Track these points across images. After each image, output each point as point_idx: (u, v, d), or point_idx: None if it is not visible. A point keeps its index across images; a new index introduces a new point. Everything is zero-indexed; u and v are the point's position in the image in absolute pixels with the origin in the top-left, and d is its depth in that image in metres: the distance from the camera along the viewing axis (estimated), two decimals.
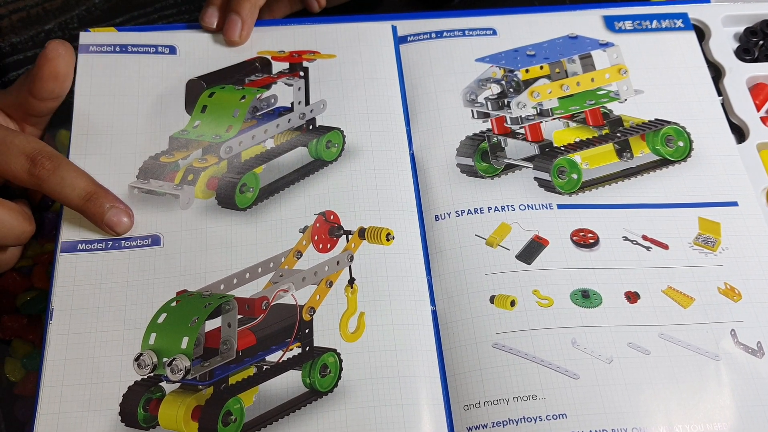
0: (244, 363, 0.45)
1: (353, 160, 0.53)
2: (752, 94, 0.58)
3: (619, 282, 0.48)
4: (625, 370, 0.45)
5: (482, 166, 0.53)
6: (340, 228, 0.50)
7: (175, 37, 0.58)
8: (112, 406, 0.44)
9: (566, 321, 0.46)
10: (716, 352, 0.46)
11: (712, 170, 0.53)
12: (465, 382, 0.45)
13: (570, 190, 0.52)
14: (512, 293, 0.47)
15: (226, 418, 0.43)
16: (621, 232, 0.50)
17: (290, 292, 0.48)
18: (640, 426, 0.43)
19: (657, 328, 0.46)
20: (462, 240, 0.49)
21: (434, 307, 0.48)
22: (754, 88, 0.59)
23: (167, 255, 0.49)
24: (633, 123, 0.55)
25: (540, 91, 0.55)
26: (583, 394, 0.44)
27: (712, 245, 0.50)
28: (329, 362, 0.45)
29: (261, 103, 0.55)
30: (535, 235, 0.49)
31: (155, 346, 0.45)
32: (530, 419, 0.43)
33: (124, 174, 0.52)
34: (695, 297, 0.48)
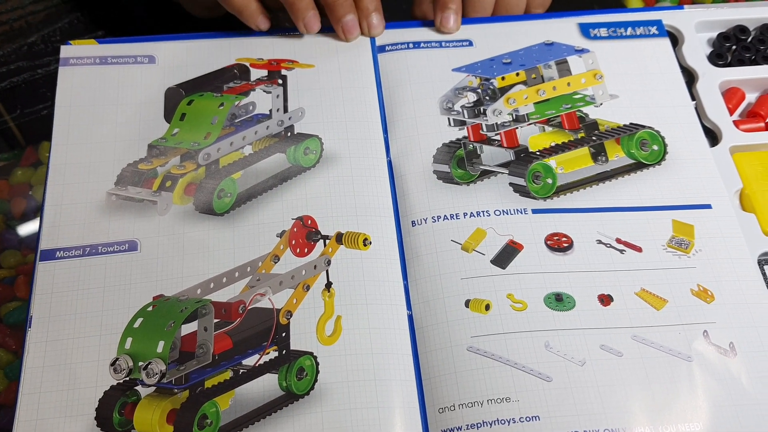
0: (220, 367, 0.46)
1: (331, 167, 0.54)
2: (725, 98, 0.60)
3: (592, 285, 0.49)
4: (597, 372, 0.46)
5: (458, 173, 0.54)
6: (318, 233, 0.51)
7: (154, 47, 0.59)
8: (88, 411, 0.45)
9: (540, 324, 0.48)
10: (689, 353, 0.47)
11: (685, 173, 0.54)
12: (440, 385, 0.46)
13: (545, 194, 0.53)
14: (487, 297, 0.48)
15: (201, 422, 0.44)
16: (595, 235, 0.51)
17: (267, 296, 0.49)
18: (612, 427, 0.44)
19: (630, 330, 0.48)
20: (438, 245, 0.51)
21: (410, 312, 0.49)
22: (727, 92, 0.61)
23: (144, 260, 0.50)
24: (608, 127, 0.56)
25: (516, 97, 0.56)
26: (556, 396, 0.45)
27: (685, 247, 0.51)
28: (306, 365, 0.46)
29: (239, 110, 0.57)
30: (509, 239, 0.51)
31: (131, 350, 0.46)
32: (503, 421, 0.44)
33: (102, 182, 0.53)
34: (668, 299, 0.49)
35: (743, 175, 0.56)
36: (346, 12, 0.57)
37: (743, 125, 0.59)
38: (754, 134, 0.58)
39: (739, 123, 0.59)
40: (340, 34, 0.59)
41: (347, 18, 0.58)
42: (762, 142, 0.58)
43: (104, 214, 0.52)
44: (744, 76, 0.61)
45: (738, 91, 0.61)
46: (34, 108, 0.69)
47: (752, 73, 0.61)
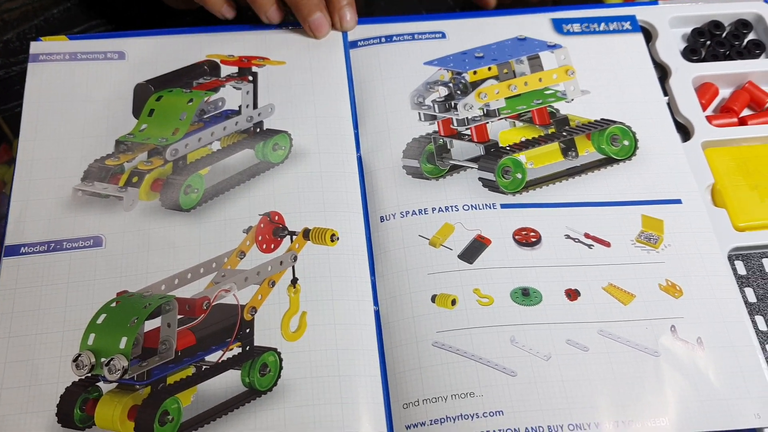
0: (183, 363, 0.46)
1: (300, 163, 0.54)
2: (699, 93, 0.60)
3: (559, 280, 0.49)
4: (562, 367, 0.46)
5: (428, 168, 0.54)
6: (285, 229, 0.51)
7: (124, 43, 0.59)
8: (49, 407, 0.45)
9: (505, 319, 0.47)
10: (656, 348, 0.47)
11: (656, 168, 0.54)
12: (405, 380, 0.46)
13: (514, 189, 0.53)
14: (453, 292, 0.48)
15: (162, 418, 0.44)
16: (563, 230, 0.51)
17: (232, 292, 0.49)
18: (577, 422, 0.44)
19: (596, 325, 0.48)
20: (406, 240, 0.51)
21: (377, 307, 0.49)
22: (700, 87, 0.61)
23: (109, 256, 0.50)
24: (579, 122, 0.56)
25: (487, 91, 0.56)
26: (520, 391, 0.45)
27: (654, 242, 0.51)
28: (269, 361, 0.46)
29: (209, 106, 0.57)
30: (477, 234, 0.51)
31: (94, 346, 0.46)
32: (467, 416, 0.44)
33: (69, 177, 0.53)
34: (636, 294, 0.49)
35: (715, 171, 0.56)
36: (312, 10, 0.57)
37: (716, 120, 0.59)
38: (727, 129, 0.58)
39: (712, 118, 0.59)
40: (308, 32, 0.59)
41: (314, 17, 0.58)
42: (734, 138, 0.58)
43: (70, 209, 0.52)
44: (717, 72, 0.61)
45: (712, 87, 0.61)
46: (8, 105, 0.69)
47: (726, 69, 0.61)
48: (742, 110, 0.61)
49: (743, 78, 0.62)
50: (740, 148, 0.57)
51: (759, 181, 0.56)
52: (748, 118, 0.60)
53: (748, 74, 0.61)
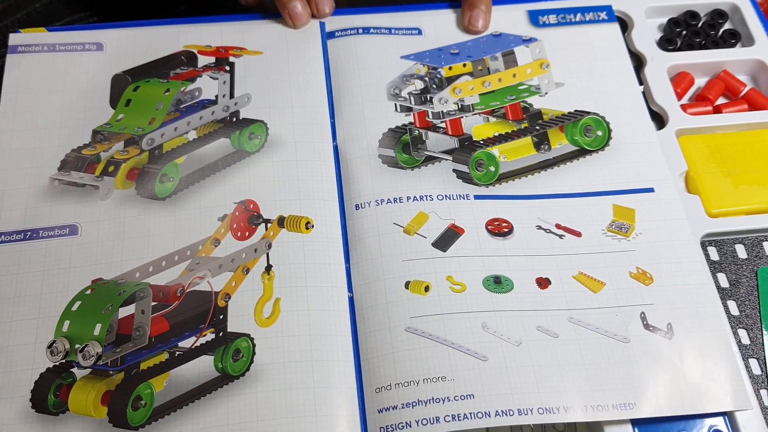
0: (156, 349, 0.47)
1: (276, 152, 0.55)
2: (675, 82, 0.61)
3: (530, 269, 0.50)
4: (533, 353, 0.47)
5: (403, 158, 0.55)
6: (259, 216, 0.52)
7: (102, 34, 0.60)
8: (24, 393, 0.45)
9: (477, 305, 0.48)
10: (625, 335, 0.48)
11: (629, 158, 0.55)
12: (378, 365, 0.47)
13: (487, 181, 0.54)
14: (427, 279, 0.49)
15: (136, 403, 0.45)
16: (535, 221, 0.52)
17: (206, 279, 0.49)
18: (547, 406, 0.45)
19: (566, 312, 0.48)
20: (381, 228, 0.51)
21: (351, 294, 0.50)
22: (676, 77, 0.62)
23: (84, 244, 0.50)
24: (553, 116, 0.57)
25: (462, 87, 0.57)
26: (491, 375, 0.46)
27: (625, 231, 0.52)
28: (242, 347, 0.47)
29: (185, 96, 0.57)
30: (451, 224, 0.51)
31: (68, 333, 0.47)
32: (438, 400, 0.45)
33: (46, 167, 0.53)
34: (606, 282, 0.50)
35: (689, 158, 0.57)
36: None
37: (691, 109, 0.60)
38: (700, 117, 0.59)
39: (687, 107, 0.60)
40: (288, 21, 0.60)
41: (292, 4, 0.58)
42: (708, 126, 0.59)
43: (46, 198, 0.52)
44: (693, 61, 0.62)
45: (687, 76, 0.62)
46: None
47: (701, 58, 0.63)
48: (717, 99, 0.62)
49: (718, 67, 0.63)
50: (714, 136, 0.59)
51: (732, 168, 0.57)
52: (723, 107, 0.61)
53: (724, 63, 0.63)
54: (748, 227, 0.54)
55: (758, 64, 0.62)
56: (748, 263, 0.53)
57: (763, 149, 0.58)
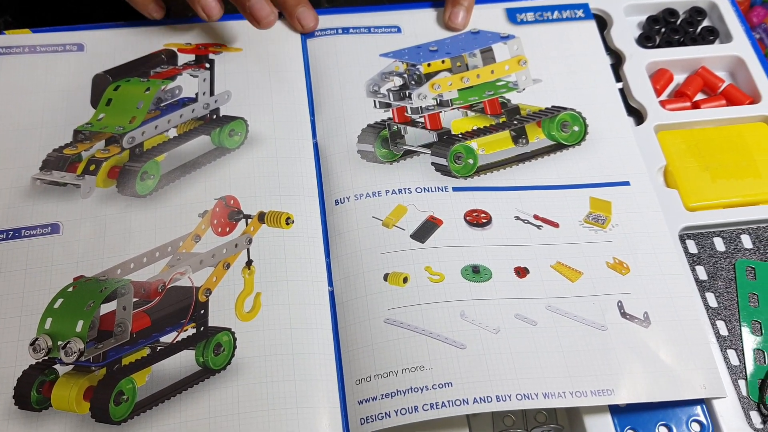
0: (138, 344, 0.48)
1: (256, 148, 0.56)
2: (654, 79, 0.63)
3: (509, 258, 0.52)
4: (511, 340, 0.48)
5: (382, 152, 0.56)
6: (240, 212, 0.53)
7: (83, 35, 0.61)
8: (6, 390, 0.47)
9: (456, 295, 0.50)
10: (603, 323, 0.49)
11: (606, 152, 0.57)
12: (357, 357, 0.48)
13: (466, 174, 0.55)
14: (405, 271, 0.51)
15: (117, 398, 0.46)
16: (513, 212, 0.54)
17: (187, 275, 0.50)
18: (525, 392, 0.46)
19: (544, 301, 0.50)
20: (360, 222, 0.53)
21: (332, 288, 0.51)
22: (655, 74, 0.64)
23: (66, 242, 0.51)
24: (530, 111, 0.59)
25: (441, 83, 0.59)
26: (469, 363, 0.47)
27: (602, 223, 0.54)
28: (223, 341, 0.48)
29: (165, 94, 0.59)
30: (429, 215, 0.53)
31: (51, 330, 0.48)
32: (417, 389, 0.46)
33: (28, 167, 0.55)
34: (583, 271, 0.51)
35: (667, 153, 0.59)
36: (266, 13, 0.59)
37: (669, 105, 0.62)
38: (678, 113, 0.61)
39: (666, 103, 0.62)
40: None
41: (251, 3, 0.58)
42: (686, 121, 0.61)
43: (28, 198, 0.53)
44: (671, 57, 0.64)
45: (666, 72, 0.64)
46: None
47: (679, 54, 0.64)
48: (695, 95, 0.64)
49: (697, 63, 0.65)
50: (692, 131, 0.60)
51: (710, 162, 0.58)
52: (701, 102, 0.63)
53: (702, 60, 0.65)
54: (725, 220, 0.56)
55: (736, 60, 0.64)
56: (726, 256, 0.55)
57: (741, 144, 0.59)
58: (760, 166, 0.58)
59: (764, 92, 0.62)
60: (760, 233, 0.56)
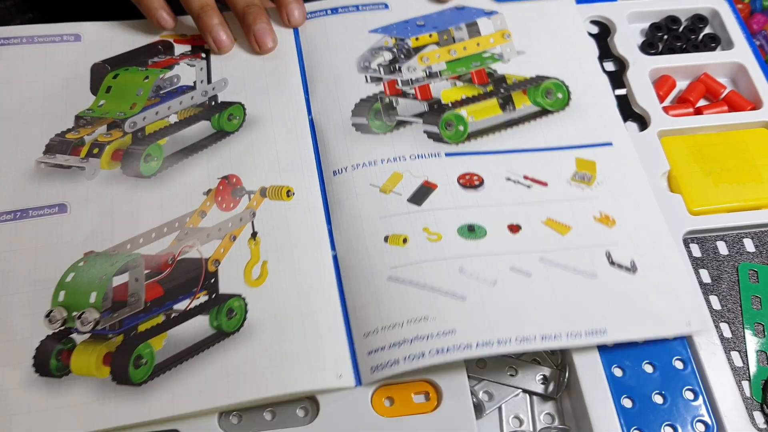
0: (152, 312, 0.50)
1: (254, 130, 0.59)
2: (657, 85, 0.65)
3: (502, 216, 0.55)
4: (508, 291, 0.51)
5: (375, 124, 0.59)
6: (242, 189, 0.56)
7: (80, 26, 0.64)
8: (26, 359, 0.48)
9: (454, 252, 0.53)
10: (593, 271, 0.53)
11: (588, 116, 0.61)
12: (364, 313, 0.51)
13: (457, 140, 0.59)
14: (405, 232, 0.54)
15: (137, 362, 0.48)
16: (504, 174, 0.57)
17: (195, 248, 0.53)
18: (523, 336, 0.49)
19: (537, 254, 0.53)
20: (358, 190, 0.56)
21: (335, 252, 0.54)
22: (658, 80, 0.66)
23: (74, 221, 0.54)
24: (516, 80, 0.62)
25: (429, 56, 0.62)
26: (470, 311, 0.50)
27: (588, 180, 0.57)
28: (235, 306, 0.51)
29: (164, 83, 0.61)
30: (424, 180, 0.56)
31: (65, 302, 0.50)
32: (422, 337, 0.49)
33: (31, 152, 0.57)
34: (572, 226, 0.55)
35: (670, 158, 0.60)
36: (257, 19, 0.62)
37: (672, 111, 0.64)
38: (682, 119, 0.63)
39: (669, 108, 0.64)
40: (253, 45, 0.63)
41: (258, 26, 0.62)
42: (689, 127, 0.63)
43: (33, 180, 0.56)
44: (674, 64, 0.67)
45: (669, 79, 0.66)
46: None
47: (682, 61, 0.67)
48: (698, 101, 0.66)
49: (699, 70, 0.67)
50: (695, 137, 0.62)
51: (713, 167, 0.60)
52: (703, 108, 0.65)
53: (704, 66, 0.67)
54: (728, 224, 0.57)
55: (738, 67, 0.67)
56: (729, 259, 0.56)
57: (743, 149, 0.61)
58: (762, 171, 0.60)
59: (766, 98, 0.65)
60: (762, 237, 0.58)
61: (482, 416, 0.51)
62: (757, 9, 0.75)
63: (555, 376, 0.52)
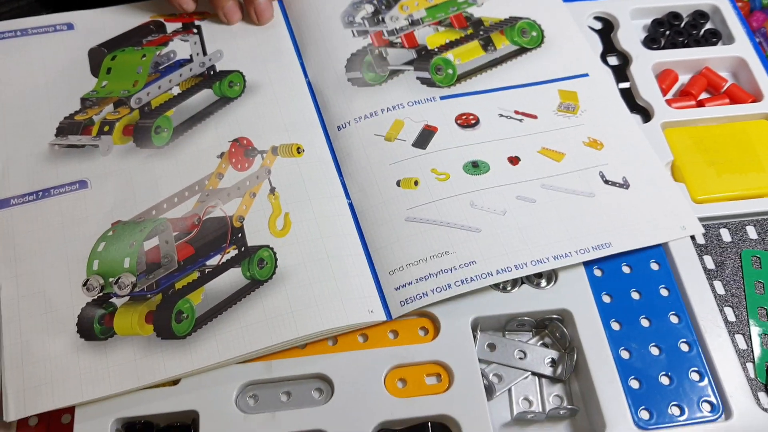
0: (186, 270, 0.53)
1: (256, 95, 0.62)
2: (660, 79, 0.67)
3: (501, 150, 0.59)
4: (517, 218, 0.55)
5: (369, 76, 0.62)
6: (254, 149, 0.58)
7: (71, 16, 0.65)
8: (70, 328, 0.50)
9: (463, 188, 0.56)
10: (590, 191, 0.57)
11: (564, 51, 0.65)
12: (387, 253, 0.54)
13: (448, 83, 0.62)
14: (414, 175, 0.57)
15: (178, 317, 0.51)
16: (496, 110, 0.61)
17: (218, 207, 0.55)
18: (537, 258, 0.53)
19: (539, 181, 0.57)
20: (364, 141, 0.59)
21: (350, 201, 0.57)
22: (661, 74, 0.68)
23: (96, 195, 0.55)
24: (492, 22, 0.66)
25: (408, 4, 0.65)
26: (486, 242, 0.54)
27: (572, 110, 0.61)
28: (264, 256, 0.53)
29: (162, 59, 0.63)
30: (425, 124, 0.59)
31: (99, 270, 0.52)
32: (446, 270, 0.52)
33: (43, 136, 0.58)
34: (565, 152, 0.59)
35: (674, 149, 0.62)
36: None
37: (675, 103, 0.66)
38: (684, 111, 0.65)
39: (672, 101, 0.66)
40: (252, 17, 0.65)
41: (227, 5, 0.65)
42: (692, 119, 0.64)
43: (49, 162, 0.57)
44: (676, 58, 0.68)
45: (671, 73, 0.68)
46: None
47: (684, 55, 0.69)
48: (700, 94, 0.68)
49: (700, 64, 0.69)
50: (697, 128, 0.64)
51: (715, 157, 0.62)
52: (705, 101, 0.67)
53: (705, 60, 0.69)
54: (731, 212, 0.59)
55: (738, 60, 0.69)
56: (733, 246, 0.58)
57: (744, 140, 0.63)
58: (763, 161, 0.62)
59: (766, 91, 0.66)
60: (764, 224, 0.59)
61: (493, 398, 0.52)
62: (756, 7, 0.77)
63: (563, 359, 0.53)
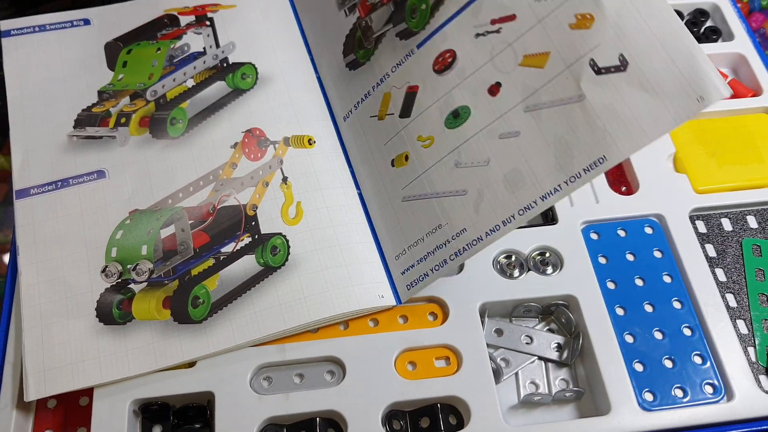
0: (202, 257, 0.54)
1: (268, 86, 0.63)
2: None
3: (480, 82, 0.53)
4: (501, 163, 0.50)
5: (360, 53, 0.62)
6: (267, 140, 0.60)
7: (87, 12, 0.66)
8: (89, 312, 0.51)
9: (446, 148, 0.53)
10: (579, 93, 0.48)
11: None
12: (391, 238, 0.55)
13: (423, 23, 0.57)
14: (404, 150, 0.56)
15: (194, 302, 0.52)
16: (472, 31, 0.54)
17: (232, 196, 0.57)
18: (526, 205, 0.49)
19: (521, 105, 0.50)
20: (363, 127, 0.59)
21: (359, 191, 0.58)
22: None
23: (114, 185, 0.57)
24: None
25: None
26: (472, 204, 0.51)
27: None
28: (277, 243, 0.54)
29: (176, 52, 0.64)
30: (407, 87, 0.57)
31: (117, 257, 0.53)
32: (441, 246, 0.53)
33: (62, 128, 0.60)
34: (549, 50, 0.50)
35: (676, 141, 0.63)
36: None
37: None
38: None
39: None
40: None
41: None
42: None
43: (68, 153, 0.58)
44: None
45: None
46: None
47: None
48: None
49: None
50: (699, 121, 0.65)
51: (716, 149, 0.63)
52: None
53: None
54: (732, 202, 0.60)
55: (738, 57, 0.70)
56: (734, 235, 0.59)
57: (744, 133, 0.64)
58: (763, 153, 0.63)
59: (765, 86, 0.67)
60: (765, 214, 0.60)
61: (500, 381, 0.53)
62: (755, 8, 0.78)
63: (569, 344, 0.54)
